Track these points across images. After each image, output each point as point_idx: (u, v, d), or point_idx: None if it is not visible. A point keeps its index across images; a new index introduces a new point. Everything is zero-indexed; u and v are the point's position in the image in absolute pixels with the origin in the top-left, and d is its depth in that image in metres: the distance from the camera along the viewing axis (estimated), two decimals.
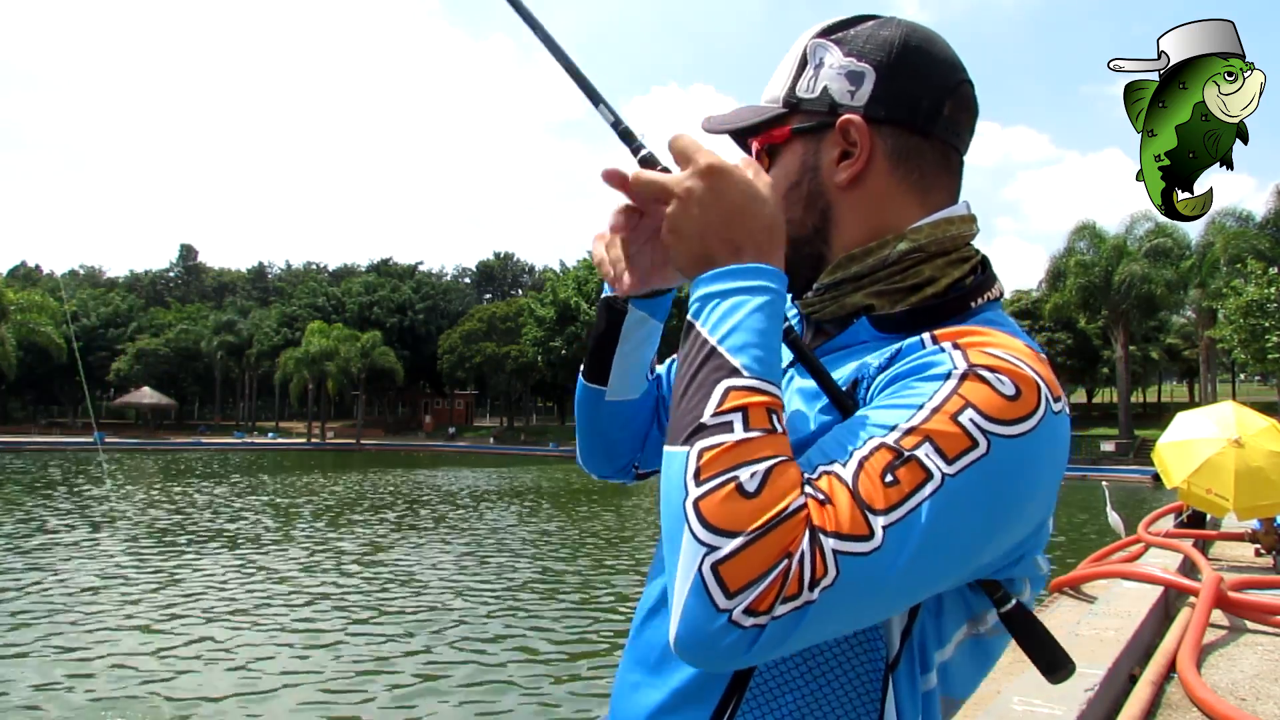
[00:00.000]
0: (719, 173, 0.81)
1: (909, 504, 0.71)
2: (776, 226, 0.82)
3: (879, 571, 0.70)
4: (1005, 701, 3.34)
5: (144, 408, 64.50)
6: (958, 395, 0.74)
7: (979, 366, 0.76)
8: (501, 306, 69.62)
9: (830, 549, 0.69)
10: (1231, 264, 34.74)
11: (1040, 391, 0.76)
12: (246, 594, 10.63)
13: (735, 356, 0.76)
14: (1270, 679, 4.22)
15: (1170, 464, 7.06)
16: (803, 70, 0.95)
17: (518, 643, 8.67)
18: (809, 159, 0.94)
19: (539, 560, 13.71)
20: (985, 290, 0.91)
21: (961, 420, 0.73)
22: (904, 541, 0.70)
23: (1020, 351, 0.78)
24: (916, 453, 0.72)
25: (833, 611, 0.69)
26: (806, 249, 0.94)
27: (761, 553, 0.68)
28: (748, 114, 0.98)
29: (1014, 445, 0.74)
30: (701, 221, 0.81)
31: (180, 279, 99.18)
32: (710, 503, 0.70)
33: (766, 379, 0.76)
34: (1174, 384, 78.51)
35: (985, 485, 0.73)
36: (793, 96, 0.95)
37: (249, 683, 7.23)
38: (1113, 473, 32.50)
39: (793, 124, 0.95)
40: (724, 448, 0.72)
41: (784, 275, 0.81)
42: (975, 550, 0.75)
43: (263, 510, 20.32)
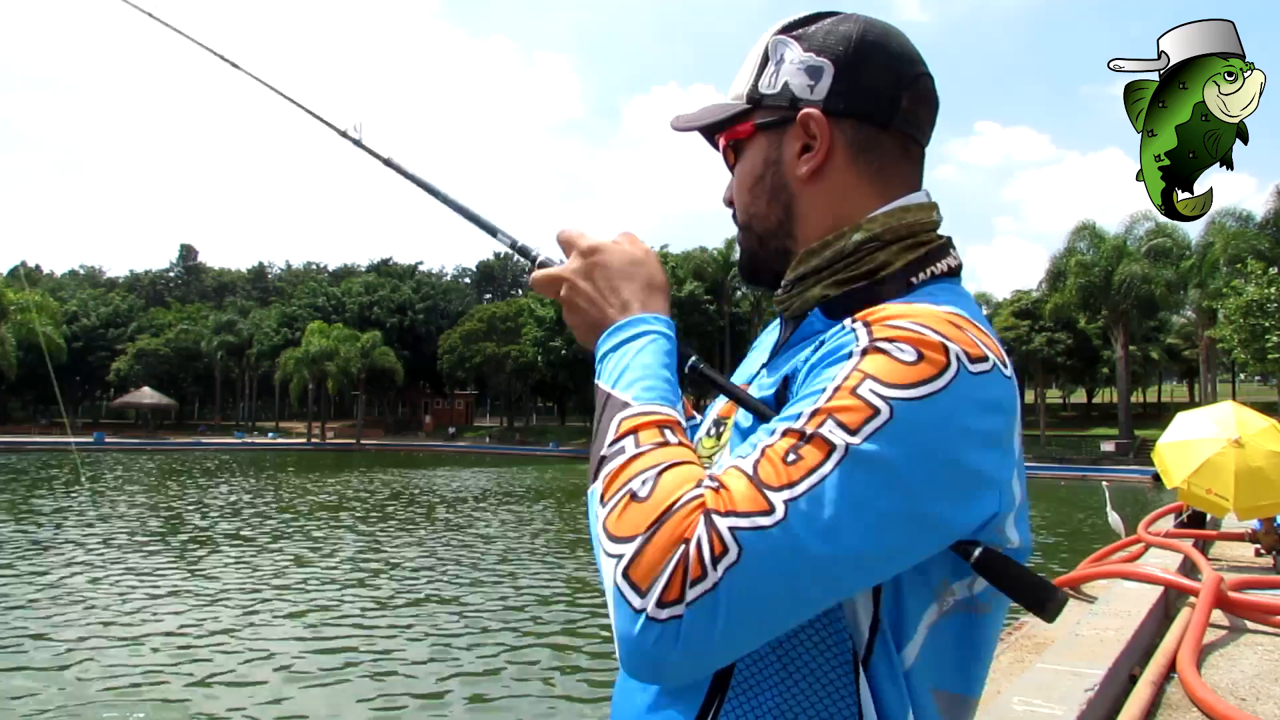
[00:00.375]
0: (597, 249, 0.94)
1: (812, 477, 0.71)
2: (654, 281, 0.94)
3: (787, 543, 0.70)
4: (1005, 701, 3.34)
5: (144, 408, 64.47)
6: (857, 370, 0.75)
7: (880, 339, 0.77)
8: (501, 306, 69.60)
9: (726, 527, 0.70)
10: (1231, 264, 34.71)
11: (949, 353, 0.75)
12: (246, 594, 10.63)
13: (624, 393, 0.84)
14: (1270, 679, 4.22)
15: (1170, 464, 7.06)
16: (764, 67, 0.96)
17: (518, 642, 8.67)
18: (771, 153, 0.96)
19: (537, 558, 13.71)
20: (926, 266, 0.90)
21: (861, 392, 0.74)
22: (810, 513, 0.70)
23: (931, 318, 0.78)
24: (820, 430, 0.73)
25: (749, 589, 0.69)
26: (773, 243, 0.97)
27: (659, 546, 0.71)
28: (713, 111, 1.00)
29: (920, 407, 0.73)
30: (589, 293, 0.93)
31: (180, 279, 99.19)
32: (611, 517, 0.75)
33: (656, 403, 0.82)
34: (1174, 384, 78.50)
35: (895, 448, 0.72)
36: (755, 93, 0.97)
37: (246, 682, 7.23)
38: (1113, 473, 32.51)
39: (756, 119, 0.96)
40: (619, 466, 0.78)
41: (667, 319, 0.92)
42: (905, 516, 0.73)
43: (263, 510, 20.32)
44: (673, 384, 0.86)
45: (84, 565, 12.33)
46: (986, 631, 0.88)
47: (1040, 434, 50.39)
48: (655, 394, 0.83)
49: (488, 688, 7.29)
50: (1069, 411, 65.99)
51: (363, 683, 7.30)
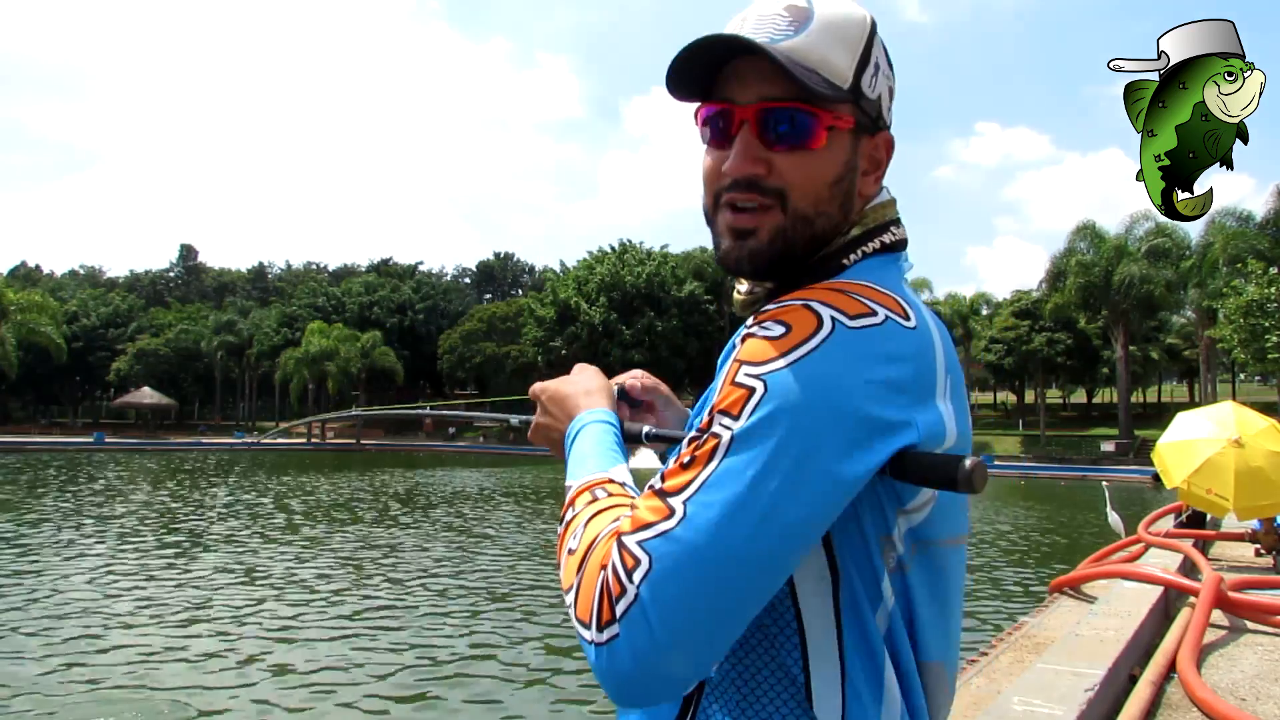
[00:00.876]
0: (543, 390, 1.10)
1: (705, 471, 0.74)
2: (589, 388, 1.07)
3: (692, 540, 0.72)
4: (1005, 701, 3.34)
5: (144, 408, 64.45)
6: (734, 361, 0.78)
7: (754, 325, 0.79)
8: (501, 306, 69.64)
9: (634, 542, 0.74)
10: (1231, 264, 34.71)
11: (819, 317, 0.77)
12: (245, 593, 10.63)
13: (569, 480, 0.94)
14: (1270, 679, 4.21)
15: (1170, 464, 7.06)
16: (866, 64, 0.90)
17: (516, 641, 8.67)
18: (852, 159, 0.92)
19: (535, 557, 13.71)
20: (859, 246, 0.92)
21: (739, 379, 0.76)
22: (708, 502, 0.73)
23: (814, 293, 0.80)
24: (712, 428, 0.76)
25: (670, 592, 0.71)
26: (818, 248, 0.92)
27: (588, 582, 0.77)
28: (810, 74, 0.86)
29: (790, 372, 0.74)
30: (548, 424, 1.08)
31: (180, 279, 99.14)
32: (561, 575, 0.82)
33: (588, 474, 0.91)
34: (1174, 384, 78.46)
35: (775, 418, 0.73)
36: (858, 88, 0.90)
37: (245, 681, 7.22)
38: (1113, 473, 32.50)
39: (850, 115, 0.90)
40: (560, 535, 0.86)
41: (600, 409, 1.03)
42: (803, 479, 0.73)
43: (264, 509, 20.31)
44: (605, 453, 0.95)
45: (84, 564, 12.33)
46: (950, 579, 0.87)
47: (1040, 434, 50.38)
48: (587, 470, 0.92)
49: (487, 689, 7.29)
50: (1069, 411, 65.95)
51: (362, 683, 7.29)
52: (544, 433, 1.08)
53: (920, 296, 0.93)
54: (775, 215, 0.89)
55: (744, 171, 0.89)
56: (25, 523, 16.89)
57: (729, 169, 0.90)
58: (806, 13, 0.88)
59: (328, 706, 6.74)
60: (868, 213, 0.94)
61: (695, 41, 0.89)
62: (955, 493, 0.76)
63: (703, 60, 0.90)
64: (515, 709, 6.84)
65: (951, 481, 0.75)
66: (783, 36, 0.87)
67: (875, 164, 0.94)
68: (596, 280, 57.35)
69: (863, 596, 0.82)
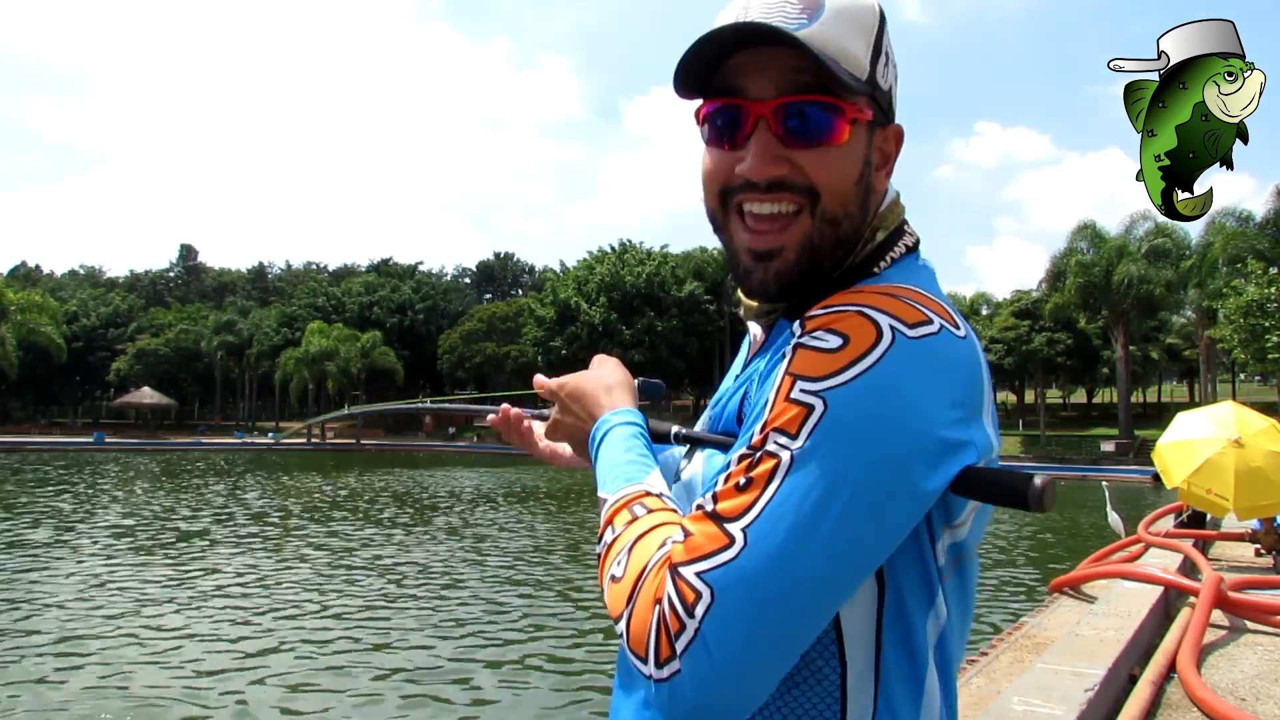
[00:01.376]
0: (562, 385, 1.04)
1: (764, 496, 0.70)
2: (609, 382, 1.02)
3: (756, 570, 0.69)
4: (1005, 701, 3.34)
5: (144, 408, 64.42)
6: (788, 375, 0.74)
7: (804, 335, 0.75)
8: (501, 306, 69.62)
9: (692, 574, 0.70)
10: (1231, 264, 34.70)
11: (878, 326, 0.72)
12: (245, 594, 10.63)
13: (602, 491, 0.89)
14: (1270, 679, 4.21)
15: (1170, 464, 7.05)
16: (879, 54, 0.86)
17: (515, 641, 8.67)
18: (868, 153, 0.88)
19: (534, 556, 13.70)
20: (887, 251, 0.89)
21: (794, 396, 0.72)
22: (771, 531, 0.69)
23: (860, 298, 0.76)
24: (766, 446, 0.72)
25: (735, 625, 0.68)
26: (841, 252, 0.88)
27: (640, 614, 0.73)
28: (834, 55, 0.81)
29: (854, 388, 0.70)
30: (570, 420, 1.03)
31: (180, 279, 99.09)
32: (608, 602, 0.79)
33: (622, 486, 0.87)
34: (1174, 384, 78.46)
35: (839, 438, 0.70)
36: (874, 80, 0.85)
37: (246, 682, 7.22)
38: (1113, 473, 32.48)
39: (867, 108, 0.85)
40: (601, 557, 0.83)
41: (625, 409, 0.98)
42: (869, 502, 0.70)
43: (261, 511, 20.31)
44: (636, 460, 0.90)
45: (84, 565, 12.32)
46: (973, 588, 0.87)
47: (1040, 434, 50.37)
48: (620, 480, 0.88)
49: (487, 688, 7.29)
50: (1069, 411, 65.95)
51: (361, 684, 7.29)
52: (566, 431, 1.04)
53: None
54: (802, 223, 0.84)
55: (768, 173, 0.83)
56: (23, 523, 16.88)
57: (749, 171, 0.83)
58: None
59: (326, 707, 6.74)
60: (884, 214, 0.91)
61: (718, 30, 0.82)
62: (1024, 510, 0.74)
63: (709, 53, 0.83)
64: (515, 709, 6.84)
65: (1021, 500, 0.73)
66: (796, 25, 0.80)
67: (885, 158, 0.90)
68: (596, 280, 57.33)
69: (914, 611, 0.80)
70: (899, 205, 0.93)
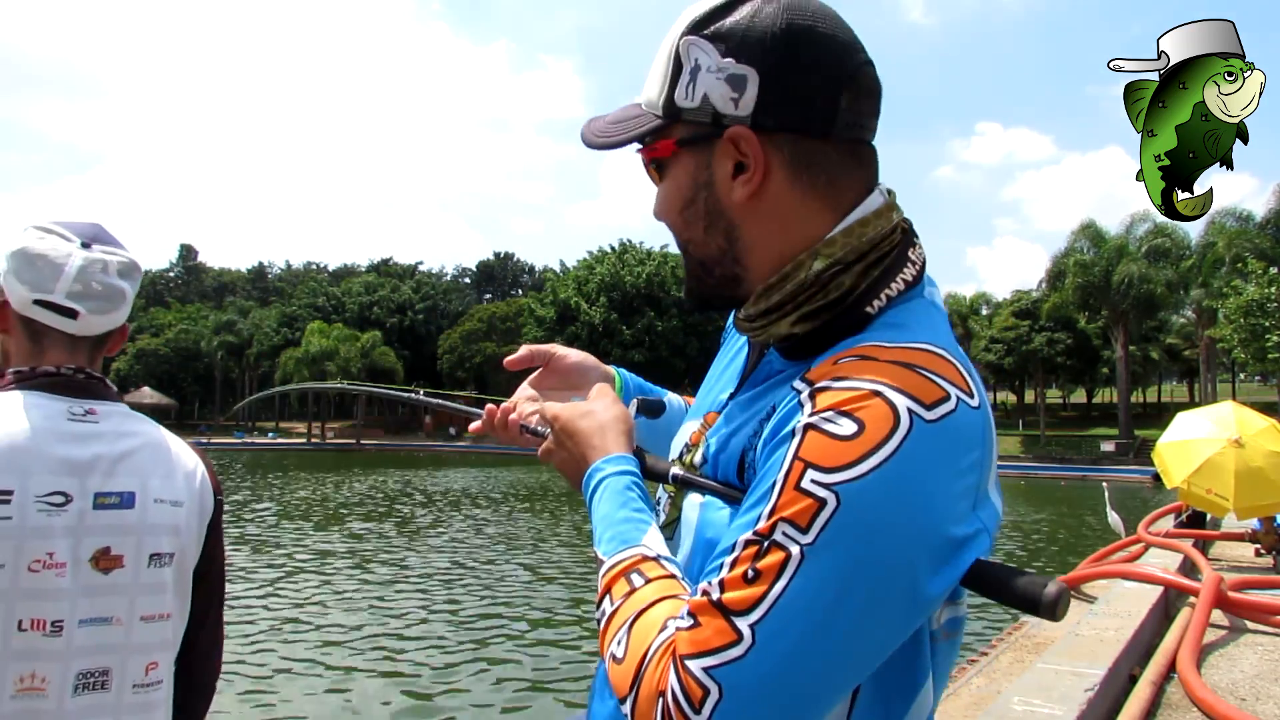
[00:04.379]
0: (556, 418, 0.99)
1: (773, 592, 0.68)
2: (603, 422, 0.96)
3: (765, 669, 0.67)
4: (1005, 701, 3.34)
5: (144, 408, 63.94)
6: (798, 460, 0.70)
7: (817, 414, 0.71)
8: (501, 306, 69.63)
9: (699, 669, 0.69)
10: (1233, 264, 34.73)
11: (895, 411, 0.69)
12: (246, 594, 10.63)
13: (599, 549, 0.86)
14: (1270, 679, 4.21)
15: (1170, 464, 7.05)
16: (679, 73, 0.84)
17: (512, 640, 8.67)
18: (700, 174, 0.85)
19: (535, 557, 13.71)
20: (881, 289, 0.82)
21: (804, 486, 0.69)
22: (780, 631, 0.67)
23: (877, 370, 0.72)
24: (774, 536, 0.69)
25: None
26: (719, 270, 0.88)
27: (644, 705, 0.71)
28: (626, 124, 0.90)
29: (868, 484, 0.68)
30: (563, 458, 0.99)
31: (180, 279, 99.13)
32: (611, 681, 0.76)
33: (619, 550, 0.83)
34: (1174, 384, 78.48)
35: (852, 537, 0.68)
36: (672, 105, 0.85)
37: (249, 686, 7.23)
38: (1113, 473, 32.50)
39: (676, 135, 0.86)
40: (600, 632, 0.81)
41: (618, 455, 0.93)
42: (879, 604, 0.69)
43: (262, 510, 20.32)
44: (631, 517, 0.87)
45: None
46: (949, 661, 0.84)
47: (1040, 434, 50.40)
48: (617, 541, 0.85)
49: (485, 689, 7.29)
50: (1069, 411, 65.96)
51: (360, 686, 7.29)
52: (559, 463, 1.00)
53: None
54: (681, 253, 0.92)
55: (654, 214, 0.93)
56: None
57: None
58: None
59: (325, 708, 6.75)
60: (835, 238, 0.82)
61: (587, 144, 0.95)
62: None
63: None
64: (510, 711, 6.85)
65: (1033, 605, 0.71)
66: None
67: (737, 166, 0.83)
68: (596, 280, 57.34)
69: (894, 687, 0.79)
70: (878, 217, 0.84)
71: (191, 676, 1.41)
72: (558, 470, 1.01)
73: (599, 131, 0.93)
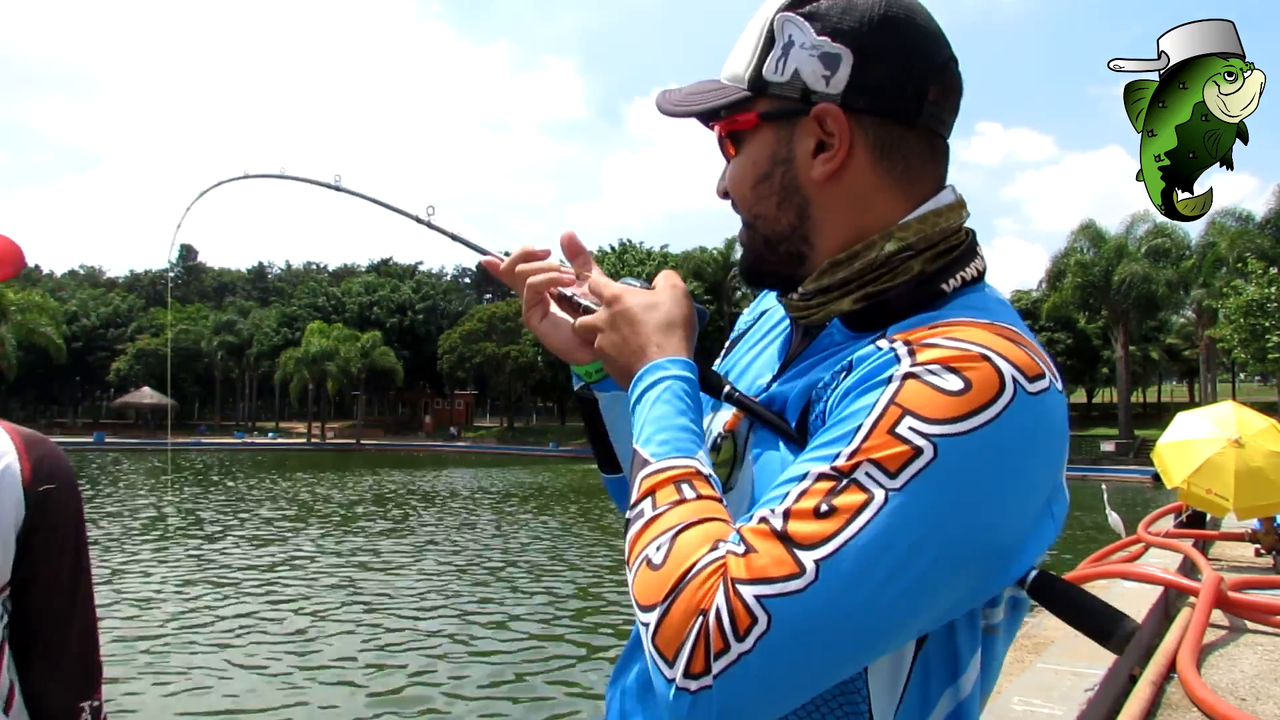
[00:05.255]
0: (617, 298, 0.91)
1: (847, 530, 0.66)
2: (671, 319, 0.89)
3: (822, 607, 0.65)
4: (1005, 701, 3.34)
5: (144, 408, 64.44)
6: (894, 404, 0.68)
7: (922, 365, 0.70)
8: (501, 306, 69.52)
9: (752, 596, 0.66)
10: (1234, 264, 34.74)
11: (1002, 377, 0.68)
12: (247, 594, 10.63)
13: (645, 449, 0.81)
14: (1270, 679, 4.22)
15: (1170, 464, 7.06)
16: (770, 48, 0.85)
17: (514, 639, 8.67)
18: (780, 150, 0.86)
19: (540, 556, 13.71)
20: (956, 271, 0.83)
21: (899, 431, 0.67)
22: (848, 571, 0.65)
23: (983, 337, 0.71)
24: (855, 475, 0.67)
25: (784, 658, 0.65)
26: (784, 247, 0.88)
27: (677, 616, 0.68)
28: (708, 94, 0.89)
29: (968, 442, 0.66)
30: (615, 342, 0.90)
31: (180, 279, 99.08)
32: (636, 585, 0.73)
33: (671, 455, 0.79)
34: (1174, 384, 78.46)
35: (941, 492, 0.66)
36: (759, 79, 0.85)
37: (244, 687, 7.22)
38: (1113, 473, 32.51)
39: (760, 109, 0.86)
40: (636, 532, 0.75)
41: (682, 359, 0.87)
42: (956, 566, 0.67)
43: (261, 511, 20.31)
44: (689, 428, 0.81)
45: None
46: (999, 654, 0.84)
47: None
48: (670, 446, 0.79)
49: (483, 690, 7.29)
50: (1069, 411, 65.81)
51: (361, 685, 7.30)
52: (604, 347, 0.91)
53: None
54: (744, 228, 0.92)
55: (720, 188, 0.93)
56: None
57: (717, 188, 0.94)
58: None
59: (325, 707, 6.74)
60: (910, 223, 0.83)
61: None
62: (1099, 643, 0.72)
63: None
64: (510, 711, 6.85)
65: (1104, 636, 0.70)
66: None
67: (819, 144, 0.84)
68: None
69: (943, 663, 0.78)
70: (951, 211, 0.85)
71: None
72: (598, 349, 0.92)
73: (677, 101, 0.91)
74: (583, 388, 1.03)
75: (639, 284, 0.94)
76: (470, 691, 7.15)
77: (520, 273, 1.00)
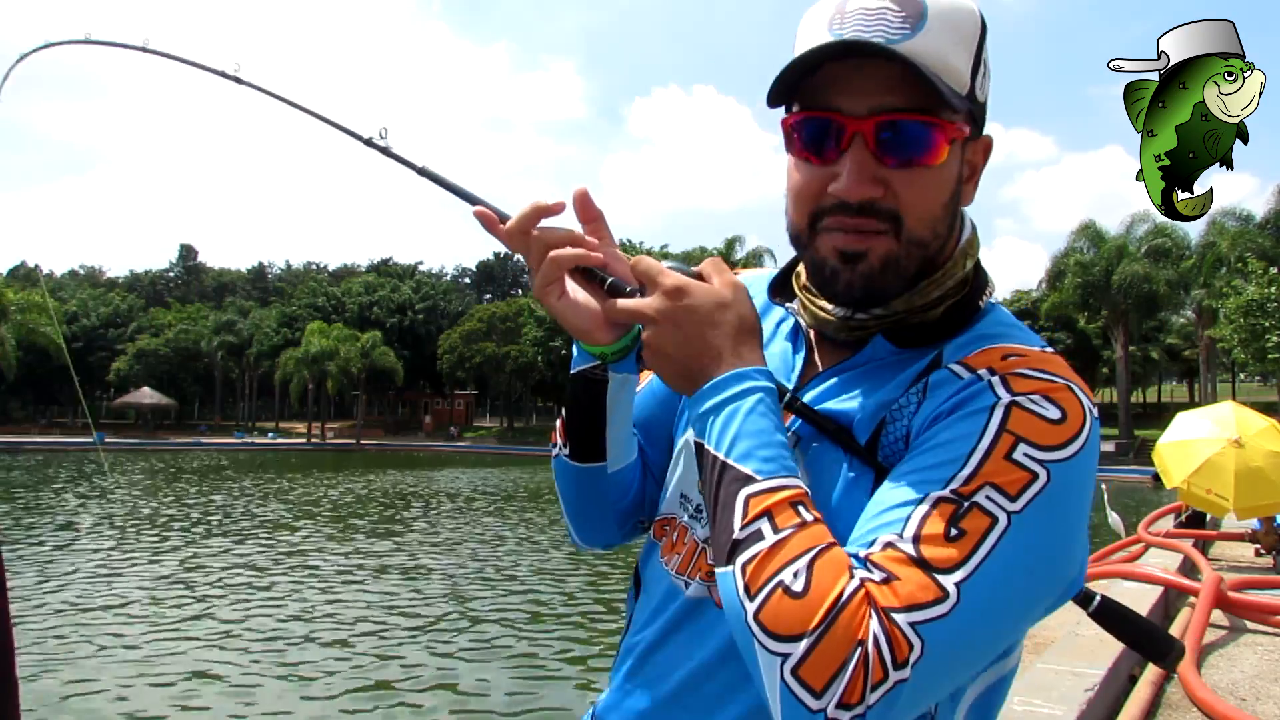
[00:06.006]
0: (683, 291, 0.80)
1: (979, 552, 0.70)
2: (744, 324, 0.81)
3: (966, 627, 0.69)
4: (1005, 701, 3.33)
5: (144, 408, 64.40)
6: (1007, 432, 0.74)
7: (1021, 395, 0.75)
8: (501, 306, 69.54)
9: (906, 624, 0.68)
10: (1234, 264, 34.73)
11: (1084, 407, 0.76)
12: (238, 594, 10.63)
13: (744, 465, 0.75)
14: (1270, 679, 4.22)
15: (1170, 464, 7.06)
16: (977, 68, 0.82)
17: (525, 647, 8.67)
18: (961, 169, 0.85)
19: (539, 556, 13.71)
20: (986, 285, 0.89)
21: (1016, 458, 0.73)
22: (983, 591, 0.70)
23: (1053, 364, 0.79)
24: (977, 499, 0.72)
25: (932, 679, 0.69)
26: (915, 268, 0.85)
27: (832, 648, 0.67)
28: (941, 76, 0.78)
29: (1071, 465, 0.74)
30: (677, 339, 0.79)
31: (180, 279, 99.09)
32: (768, 613, 0.69)
33: (780, 474, 0.75)
34: (1174, 384, 78.47)
35: (1053, 511, 0.73)
36: (974, 95, 0.83)
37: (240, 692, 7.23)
38: (1113, 473, 32.47)
39: (959, 124, 0.82)
40: (760, 556, 0.71)
41: (764, 369, 0.80)
42: (1056, 574, 0.75)
43: (261, 512, 20.31)
44: (789, 447, 0.78)
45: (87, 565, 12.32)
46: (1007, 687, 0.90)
47: None
48: (777, 464, 0.75)
49: (483, 689, 7.29)
50: None
51: (359, 686, 7.30)
52: (658, 345, 0.81)
53: None
54: (887, 240, 0.81)
55: (862, 194, 0.80)
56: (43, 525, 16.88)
57: (843, 191, 0.80)
58: (920, 7, 0.78)
59: (325, 708, 6.75)
60: (972, 239, 0.90)
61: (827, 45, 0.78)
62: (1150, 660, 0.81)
63: (801, 64, 0.80)
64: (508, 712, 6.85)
65: (1160, 657, 0.79)
66: (900, 37, 0.77)
67: (973, 170, 0.88)
68: None
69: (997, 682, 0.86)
70: (976, 236, 0.92)
71: None
72: (649, 341, 0.81)
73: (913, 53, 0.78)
74: (595, 367, 0.93)
75: (682, 268, 0.84)
76: (469, 691, 7.15)
77: (538, 238, 0.86)
